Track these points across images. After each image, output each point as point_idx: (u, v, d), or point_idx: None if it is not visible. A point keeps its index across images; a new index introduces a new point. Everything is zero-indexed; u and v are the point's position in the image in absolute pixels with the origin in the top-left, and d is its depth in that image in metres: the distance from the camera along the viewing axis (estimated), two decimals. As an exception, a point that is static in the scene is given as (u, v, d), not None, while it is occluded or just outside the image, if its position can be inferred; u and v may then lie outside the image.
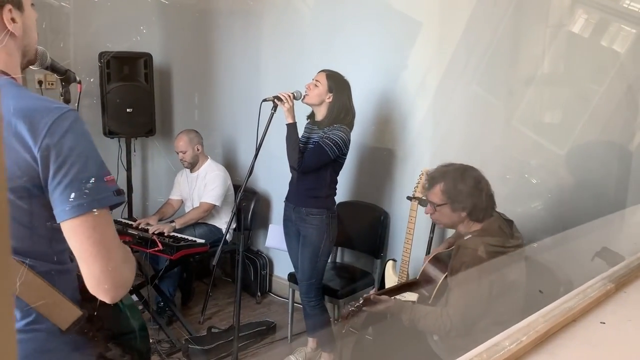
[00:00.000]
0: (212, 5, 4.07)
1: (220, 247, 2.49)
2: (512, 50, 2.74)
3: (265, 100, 2.59)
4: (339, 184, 2.83)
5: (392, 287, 2.35)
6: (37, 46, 1.19)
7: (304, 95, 2.67)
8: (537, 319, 0.96)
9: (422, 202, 2.70)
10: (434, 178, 2.03)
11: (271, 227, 3.44)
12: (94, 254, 0.96)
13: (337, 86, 2.67)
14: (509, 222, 1.98)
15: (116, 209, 1.06)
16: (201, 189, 3.50)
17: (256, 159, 2.51)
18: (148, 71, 3.67)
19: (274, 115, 2.54)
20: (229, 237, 3.39)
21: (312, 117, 2.79)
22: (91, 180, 0.96)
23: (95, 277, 0.97)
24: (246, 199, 3.66)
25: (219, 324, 3.36)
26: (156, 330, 3.12)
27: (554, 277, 1.95)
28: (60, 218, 0.96)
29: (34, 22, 1.07)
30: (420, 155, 3.03)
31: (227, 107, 4.09)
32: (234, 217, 2.84)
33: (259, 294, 3.80)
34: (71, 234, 0.96)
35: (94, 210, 0.96)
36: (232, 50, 3.96)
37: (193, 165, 3.54)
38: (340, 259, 3.47)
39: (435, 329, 1.92)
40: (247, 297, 3.75)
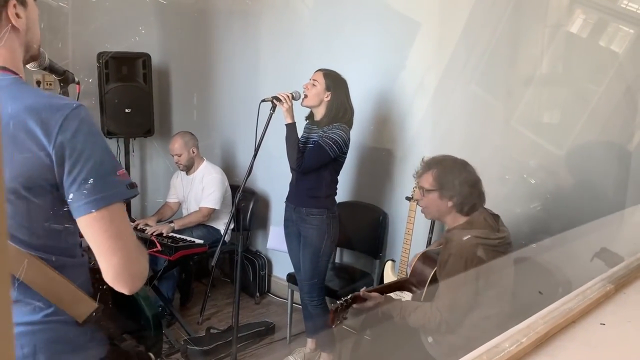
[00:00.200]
0: (211, 6, 4.07)
1: (219, 248, 2.49)
2: (510, 51, 2.74)
3: (264, 100, 2.59)
4: (338, 184, 2.83)
5: (382, 285, 2.36)
6: None
7: (302, 97, 2.67)
8: (536, 320, 0.96)
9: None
10: (428, 164, 2.06)
11: (272, 229, 3.43)
12: (112, 247, 0.98)
13: (335, 84, 2.67)
14: (495, 216, 2.01)
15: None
16: (199, 193, 3.49)
17: (255, 159, 2.50)
18: (146, 71, 3.66)
19: (272, 116, 2.54)
20: (227, 237, 3.39)
21: (311, 117, 2.78)
22: (106, 175, 0.98)
23: (114, 270, 0.99)
24: (245, 200, 3.65)
25: (217, 324, 3.36)
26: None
27: (553, 278, 1.95)
28: (77, 214, 0.97)
29: (36, 17, 1.08)
30: (419, 155, 2.99)
31: (225, 108, 4.08)
32: (233, 217, 2.83)
33: (257, 294, 3.80)
34: (88, 228, 0.98)
35: (109, 204, 0.97)
36: (230, 51, 3.96)
37: (189, 168, 3.53)
38: (339, 260, 3.47)
39: (425, 322, 1.93)
40: (246, 298, 3.75)
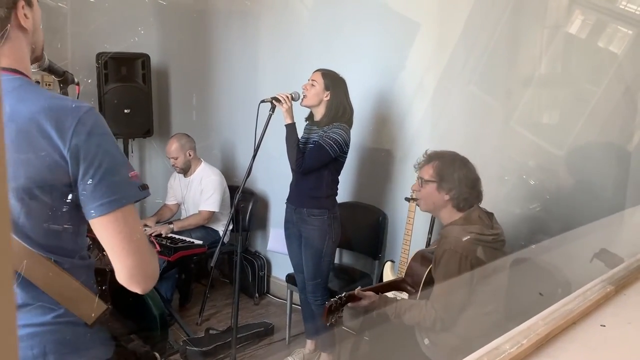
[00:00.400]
0: (210, 6, 4.06)
1: (219, 249, 2.49)
2: (510, 51, 2.74)
3: (263, 101, 2.59)
4: (338, 184, 2.82)
5: (378, 284, 2.37)
6: None
7: (301, 97, 2.67)
8: (537, 321, 0.96)
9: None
10: (431, 156, 2.09)
11: (272, 231, 3.43)
12: (126, 248, 0.99)
13: (334, 84, 2.67)
14: (489, 214, 2.02)
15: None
16: (197, 195, 3.48)
17: (254, 160, 2.50)
18: (146, 72, 3.66)
19: (272, 116, 2.54)
20: (226, 238, 3.38)
21: (311, 118, 2.78)
22: (119, 177, 1.00)
23: (128, 270, 1.01)
24: (244, 200, 3.65)
25: (216, 325, 3.35)
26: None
27: (552, 278, 1.95)
28: (91, 215, 0.98)
29: (40, 19, 1.09)
30: (419, 156, 3.02)
31: (225, 108, 4.08)
32: (232, 218, 2.83)
33: (256, 295, 3.79)
34: (103, 230, 0.99)
35: (123, 206, 0.99)
36: (230, 51, 3.96)
37: (185, 171, 3.52)
38: (338, 260, 3.47)
39: (420, 320, 1.94)
40: (245, 299, 3.74)
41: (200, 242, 3.26)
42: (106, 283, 1.14)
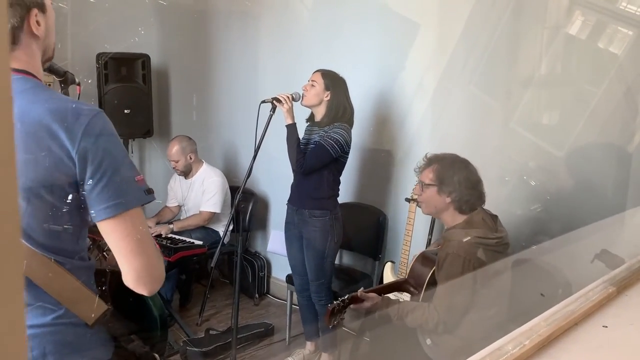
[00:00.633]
0: (210, 6, 4.06)
1: (219, 249, 2.48)
2: (510, 52, 2.74)
3: (264, 101, 2.59)
4: (340, 185, 2.82)
5: (380, 285, 2.36)
6: None
7: (302, 97, 2.67)
8: (539, 322, 0.96)
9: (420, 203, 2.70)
10: (430, 160, 2.08)
11: (273, 233, 3.43)
12: (134, 250, 1.00)
13: (334, 84, 2.66)
14: (493, 216, 2.01)
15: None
16: (199, 196, 3.48)
17: (255, 160, 2.50)
18: (146, 72, 3.66)
19: (272, 117, 2.54)
20: (226, 239, 3.38)
21: (312, 119, 2.78)
22: (126, 180, 1.01)
23: (136, 272, 1.01)
24: (244, 201, 3.64)
25: (216, 325, 3.35)
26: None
27: (552, 279, 1.95)
28: (98, 217, 0.99)
29: (54, 22, 1.09)
30: (419, 156, 3.00)
31: (225, 109, 4.08)
32: (232, 219, 2.82)
33: (256, 295, 3.79)
34: (110, 232, 1.00)
35: (130, 208, 1.00)
36: (230, 52, 3.96)
37: (186, 173, 3.51)
38: (338, 261, 3.46)
39: (422, 322, 1.93)
40: (245, 299, 3.74)
41: (201, 242, 3.26)
42: (106, 284, 1.15)
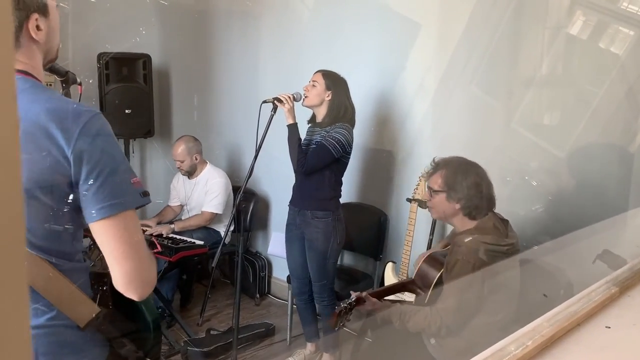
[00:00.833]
0: (211, 7, 4.06)
1: (220, 249, 2.48)
2: (511, 52, 2.74)
3: (265, 101, 2.59)
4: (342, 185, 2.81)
5: (387, 286, 2.35)
6: None
7: (303, 97, 2.67)
8: (541, 323, 0.95)
9: (421, 204, 2.70)
10: (438, 164, 2.04)
11: (274, 235, 3.42)
12: (125, 253, 0.99)
13: (335, 83, 2.66)
14: (504, 221, 1.99)
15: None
16: (202, 196, 3.48)
17: (256, 160, 2.50)
18: (147, 72, 3.66)
19: (273, 117, 2.54)
20: (227, 239, 3.38)
21: (313, 120, 2.77)
22: (121, 182, 1.00)
23: (126, 276, 1.00)
24: (245, 201, 3.64)
25: (217, 325, 3.35)
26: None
27: (554, 280, 1.95)
28: (91, 219, 0.98)
29: (58, 24, 1.09)
30: (420, 157, 3.03)
31: (226, 109, 4.08)
32: (233, 219, 2.82)
33: (257, 295, 3.79)
34: (102, 234, 0.99)
35: (124, 210, 0.99)
36: (231, 52, 3.96)
37: (191, 174, 3.51)
38: (339, 261, 3.46)
39: (425, 326, 1.91)
40: (245, 299, 3.74)
41: (202, 242, 3.26)
42: (107, 285, 1.14)
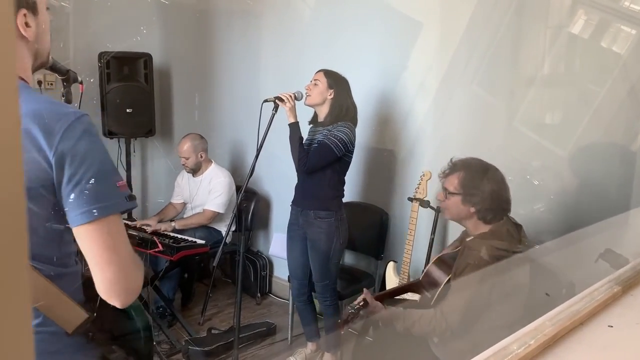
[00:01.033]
0: (212, 6, 4.06)
1: (221, 248, 2.48)
2: (512, 51, 2.74)
3: (266, 100, 2.58)
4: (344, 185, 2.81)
5: (394, 288, 2.34)
6: None
7: (305, 97, 2.66)
8: (544, 322, 0.95)
9: (422, 203, 2.70)
10: (455, 165, 1.98)
11: (275, 236, 3.42)
12: (107, 259, 0.96)
13: (337, 82, 2.66)
14: (518, 226, 1.94)
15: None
16: (205, 195, 3.48)
17: (257, 159, 2.50)
18: (148, 71, 3.65)
19: (275, 116, 2.53)
20: (228, 239, 3.38)
21: (314, 120, 2.77)
22: (105, 186, 0.97)
23: (108, 282, 0.98)
24: (246, 200, 3.65)
25: (219, 325, 3.35)
26: (156, 331, 3.10)
27: (556, 279, 1.94)
28: (74, 223, 0.96)
29: (47, 25, 1.07)
30: (421, 156, 3.03)
31: (227, 108, 4.08)
32: (235, 218, 2.81)
33: (258, 295, 3.79)
34: (85, 238, 0.96)
35: (107, 215, 0.96)
36: (232, 51, 3.96)
37: (195, 171, 3.52)
38: (340, 260, 3.46)
39: (430, 330, 1.88)
40: (247, 298, 3.74)
41: (203, 241, 3.26)
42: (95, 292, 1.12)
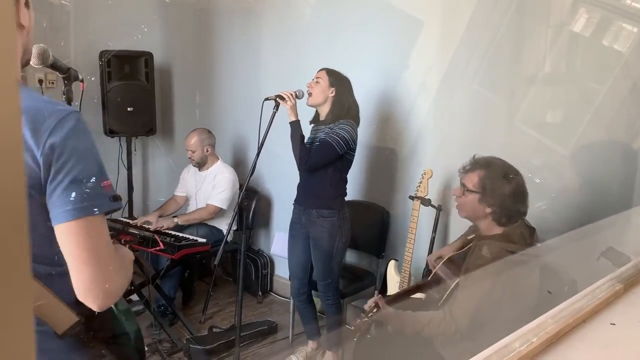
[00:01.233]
0: (213, 4, 4.06)
1: (222, 247, 2.48)
2: (513, 50, 2.73)
3: (267, 99, 2.58)
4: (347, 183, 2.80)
5: (403, 290, 2.32)
6: (40, 44, 1.18)
7: (307, 96, 2.66)
8: (546, 320, 0.95)
9: (424, 201, 2.69)
10: (478, 162, 1.94)
11: (277, 235, 3.42)
12: (85, 260, 0.95)
13: (338, 81, 2.66)
14: (531, 229, 1.92)
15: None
16: (209, 190, 3.49)
17: (258, 158, 2.49)
18: (149, 70, 3.66)
19: (275, 115, 2.53)
20: (230, 237, 3.38)
21: (316, 119, 2.76)
22: (89, 185, 0.95)
23: (84, 284, 0.96)
24: (248, 198, 3.65)
25: (220, 323, 3.35)
26: (157, 330, 3.10)
27: (558, 277, 1.94)
28: (55, 221, 0.94)
29: (33, 23, 1.06)
30: (422, 154, 3.02)
31: (228, 106, 4.08)
32: (236, 217, 2.81)
33: (260, 293, 3.79)
34: (64, 237, 0.95)
35: (89, 215, 0.94)
36: (233, 49, 3.95)
37: (201, 165, 3.54)
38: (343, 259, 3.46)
39: (439, 333, 1.86)
40: (248, 297, 3.74)
41: (204, 240, 3.26)
42: None
